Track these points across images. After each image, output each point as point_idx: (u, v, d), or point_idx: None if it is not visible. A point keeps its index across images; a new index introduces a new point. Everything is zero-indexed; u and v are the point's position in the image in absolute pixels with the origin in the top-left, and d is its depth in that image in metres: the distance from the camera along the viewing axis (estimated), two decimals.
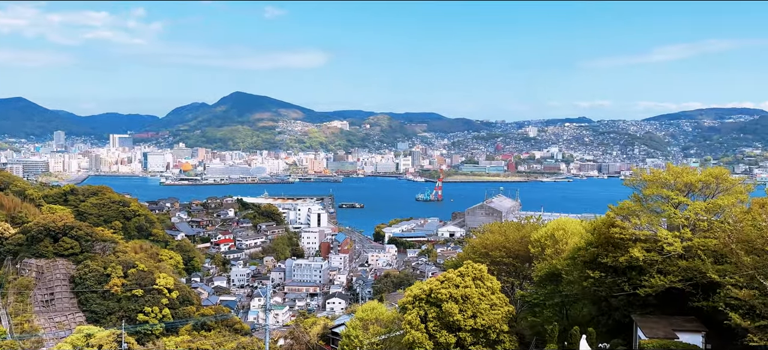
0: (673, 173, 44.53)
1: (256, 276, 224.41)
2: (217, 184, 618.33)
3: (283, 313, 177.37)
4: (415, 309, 49.82)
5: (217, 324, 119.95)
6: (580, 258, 47.08)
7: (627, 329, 43.01)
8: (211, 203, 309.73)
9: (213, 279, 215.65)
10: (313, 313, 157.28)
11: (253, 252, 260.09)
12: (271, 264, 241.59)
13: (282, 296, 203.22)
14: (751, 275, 33.37)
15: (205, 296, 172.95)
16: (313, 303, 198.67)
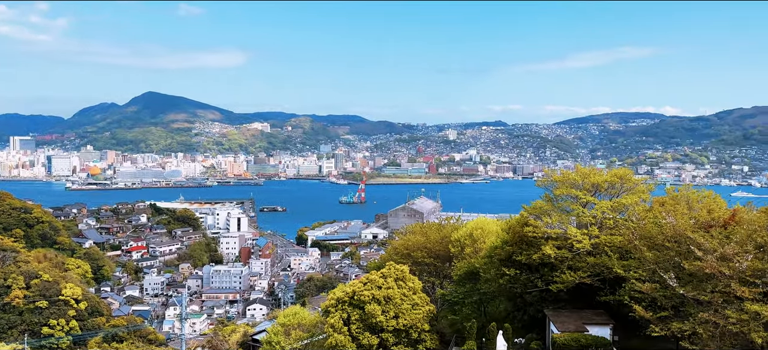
0: (582, 174, 47.00)
1: (171, 284, 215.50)
2: (129, 188, 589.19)
3: (201, 322, 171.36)
4: (338, 311, 49.65)
5: (129, 335, 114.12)
6: (497, 257, 48.70)
7: (541, 323, 44.92)
8: (122, 209, 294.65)
9: (124, 288, 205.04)
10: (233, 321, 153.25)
11: (168, 259, 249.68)
12: (188, 271, 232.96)
13: (199, 304, 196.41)
14: (653, 269, 35.73)
15: (116, 306, 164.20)
16: (233, 310, 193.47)
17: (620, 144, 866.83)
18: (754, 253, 32.25)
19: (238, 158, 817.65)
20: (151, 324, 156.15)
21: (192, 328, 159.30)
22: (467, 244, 63.97)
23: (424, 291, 54.39)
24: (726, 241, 33.35)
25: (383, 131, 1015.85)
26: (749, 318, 30.00)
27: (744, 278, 31.39)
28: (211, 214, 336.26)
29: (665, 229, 36.96)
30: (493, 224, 68.41)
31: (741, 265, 31.48)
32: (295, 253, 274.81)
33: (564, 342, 37.06)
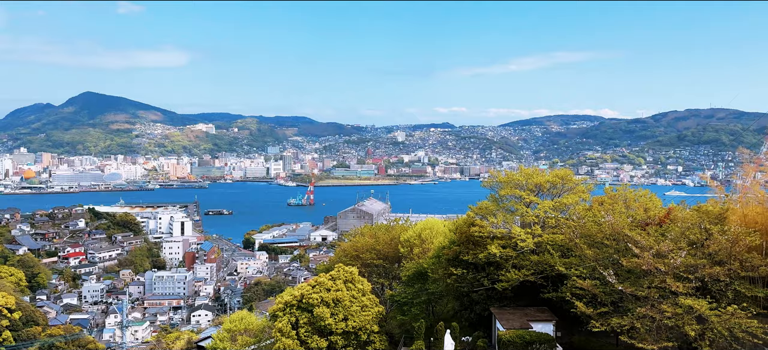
0: (525, 175, 48.18)
1: (111, 291, 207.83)
2: (66, 192, 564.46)
3: (143, 329, 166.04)
4: (286, 315, 49.05)
5: (67, 345, 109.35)
6: (445, 257, 49.29)
7: (487, 321, 45.74)
8: (59, 214, 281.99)
9: (62, 296, 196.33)
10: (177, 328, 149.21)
11: (108, 266, 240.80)
12: (129, 278, 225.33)
13: (141, 311, 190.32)
14: (593, 266, 36.99)
15: (52, 315, 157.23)
16: (177, 317, 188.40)
17: (562, 145, 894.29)
18: (687, 250, 33.87)
19: (181, 161, 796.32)
20: (90, 332, 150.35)
21: (134, 336, 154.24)
22: (416, 244, 64.45)
23: (374, 293, 54.47)
24: (661, 238, 34.89)
25: (332, 133, 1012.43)
26: (683, 312, 31.48)
27: (678, 273, 32.92)
28: (153, 218, 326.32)
29: (604, 227, 38.33)
30: (441, 224, 69.20)
31: (675, 261, 33.01)
32: (242, 257, 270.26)
33: (509, 339, 37.84)
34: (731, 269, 32.80)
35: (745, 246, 33.07)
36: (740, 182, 44.05)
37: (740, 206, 37.65)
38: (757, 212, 36.53)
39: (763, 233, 34.67)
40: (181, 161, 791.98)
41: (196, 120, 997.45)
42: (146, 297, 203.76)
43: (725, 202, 38.27)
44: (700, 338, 31.80)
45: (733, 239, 33.01)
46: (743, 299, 32.76)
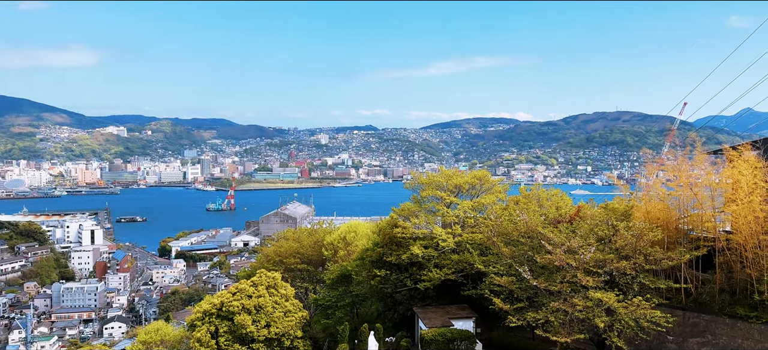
0: (445, 176, 49.18)
1: (14, 305, 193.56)
2: None
3: (51, 345, 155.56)
4: (204, 325, 47.39)
5: None
6: (368, 258, 49.44)
7: (410, 321, 46.27)
8: None
9: None
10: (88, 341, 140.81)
11: (11, 278, 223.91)
12: (34, 290, 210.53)
13: (49, 325, 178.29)
14: (510, 263, 38.22)
15: None
16: (88, 331, 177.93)
17: (480, 147, 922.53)
18: (596, 245, 35.70)
19: (90, 165, 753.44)
20: None
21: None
22: (340, 247, 64.32)
23: (297, 297, 53.71)
24: (572, 235, 36.59)
25: (253, 135, 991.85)
26: (593, 305, 33.14)
27: (588, 268, 34.64)
28: (60, 226, 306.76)
29: (519, 226, 39.74)
30: (365, 226, 69.46)
31: (585, 257, 34.70)
32: (157, 266, 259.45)
33: (431, 337, 38.42)
34: (636, 263, 34.88)
35: (649, 241, 35.28)
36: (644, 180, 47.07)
37: (644, 204, 40.17)
38: (659, 208, 39.10)
39: (665, 229, 37.16)
40: (90, 166, 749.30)
41: (106, 123, 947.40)
42: (54, 310, 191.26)
43: (630, 200, 40.72)
44: (609, 329, 33.58)
45: (638, 234, 35.12)
46: (647, 291, 34.94)
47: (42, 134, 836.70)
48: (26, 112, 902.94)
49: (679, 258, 35.32)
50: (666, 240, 36.97)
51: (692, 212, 38.22)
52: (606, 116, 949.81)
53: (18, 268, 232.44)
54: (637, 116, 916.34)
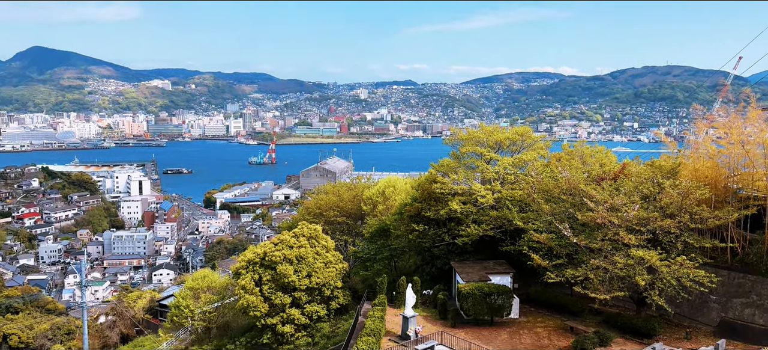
0: (486, 132, 48.66)
1: (69, 251, 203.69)
2: (17, 151, 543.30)
3: (104, 289, 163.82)
4: (249, 273, 49.01)
5: (25, 306, 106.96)
6: (407, 213, 49.81)
7: (448, 275, 46.74)
8: (11, 173, 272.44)
9: (18, 257, 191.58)
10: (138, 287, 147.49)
11: (65, 226, 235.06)
12: (87, 238, 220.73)
13: (101, 271, 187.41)
14: (549, 221, 37.97)
15: (8, 276, 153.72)
16: (138, 277, 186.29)
17: (522, 103, 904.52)
18: (640, 203, 35.05)
19: (137, 118, 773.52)
20: (49, 293, 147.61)
21: (94, 296, 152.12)
22: (379, 201, 64.92)
23: (337, 249, 54.82)
24: (615, 193, 35.98)
25: (293, 90, 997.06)
26: (634, 263, 32.79)
27: (631, 226, 34.13)
28: (109, 177, 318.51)
29: (561, 183, 39.25)
30: (403, 182, 69.75)
31: (628, 214, 34.16)
32: (203, 216, 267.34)
33: (468, 291, 38.78)
34: (681, 221, 34.15)
35: (695, 200, 34.40)
36: (693, 137, 45.56)
37: (692, 161, 39.02)
38: (708, 166, 37.95)
39: (713, 187, 36.12)
40: (136, 119, 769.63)
41: (150, 76, 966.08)
42: (105, 256, 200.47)
43: (677, 157, 39.58)
44: (649, 287, 33.25)
45: (684, 192, 34.26)
46: (691, 250, 34.28)
47: (90, 87, 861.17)
48: (74, 65, 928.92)
49: (726, 217, 34.42)
50: (713, 199, 35.99)
51: (743, 171, 36.97)
52: (655, 71, 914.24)
53: (71, 216, 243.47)
54: (689, 71, 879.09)
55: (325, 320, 48.96)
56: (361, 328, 36.89)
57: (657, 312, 36.81)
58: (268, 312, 47.41)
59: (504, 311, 38.84)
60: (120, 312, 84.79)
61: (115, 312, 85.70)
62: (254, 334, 50.34)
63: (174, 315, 61.06)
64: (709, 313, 37.56)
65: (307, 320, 48.23)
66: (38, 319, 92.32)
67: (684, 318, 38.41)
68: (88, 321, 60.34)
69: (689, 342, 35.14)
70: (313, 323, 48.54)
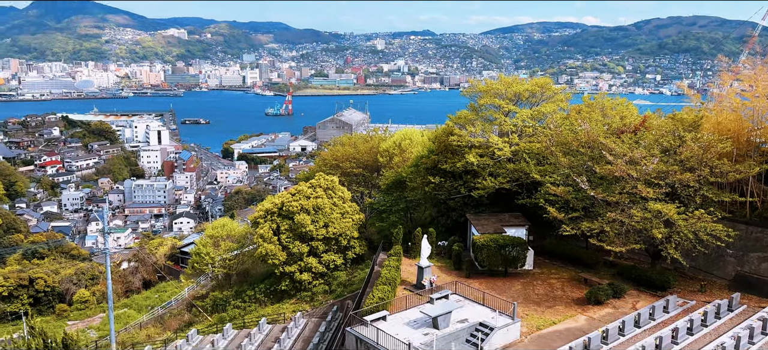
0: (505, 84, 48.07)
1: (91, 199, 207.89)
2: (37, 100, 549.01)
3: (126, 236, 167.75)
4: (267, 222, 49.81)
5: (50, 251, 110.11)
6: (423, 165, 49.90)
7: (463, 227, 47.07)
8: (32, 122, 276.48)
9: (41, 204, 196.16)
10: (159, 234, 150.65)
11: (86, 174, 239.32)
12: (108, 186, 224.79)
13: (123, 219, 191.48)
14: (567, 174, 37.82)
15: (33, 223, 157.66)
16: (159, 225, 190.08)
17: (543, 54, 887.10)
18: (659, 156, 34.71)
19: (154, 67, 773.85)
20: (72, 239, 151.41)
21: (116, 243, 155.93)
22: (395, 154, 65.00)
23: (353, 201, 55.29)
24: (635, 146, 35.61)
25: (309, 40, 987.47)
26: (652, 216, 32.70)
27: (649, 180, 33.89)
28: (128, 127, 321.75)
29: (580, 135, 38.88)
30: (419, 134, 69.59)
31: (647, 168, 33.88)
32: (221, 166, 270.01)
33: (483, 242, 39.10)
34: (701, 175, 33.83)
35: (717, 153, 33.97)
36: (717, 90, 44.64)
37: (715, 114, 38.33)
38: (731, 119, 37.28)
39: (735, 141, 35.56)
40: (153, 68, 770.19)
41: (166, 25, 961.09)
42: (127, 205, 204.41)
43: (700, 110, 38.89)
44: (666, 241, 33.24)
45: (706, 146, 33.82)
46: (710, 204, 34.05)
47: (107, 36, 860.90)
48: (91, 13, 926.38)
49: (747, 171, 34.01)
50: (735, 153, 35.50)
51: (767, 125, 36.27)
52: (681, 21, 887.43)
53: (92, 165, 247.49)
54: (715, 21, 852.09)
55: (342, 269, 49.88)
56: (376, 277, 37.55)
57: (672, 266, 36.92)
58: (286, 260, 48.37)
59: (518, 262, 39.19)
60: (142, 259, 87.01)
61: (138, 258, 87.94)
62: (273, 281, 51.52)
63: (195, 261, 62.53)
64: (724, 267, 37.56)
65: (324, 269, 49.18)
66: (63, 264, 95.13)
67: (699, 271, 38.48)
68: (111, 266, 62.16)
69: (703, 295, 35.31)
70: (330, 271, 49.50)
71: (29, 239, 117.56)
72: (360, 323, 29.15)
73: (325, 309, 44.44)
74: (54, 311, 74.10)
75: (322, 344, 37.22)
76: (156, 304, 70.43)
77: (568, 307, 34.18)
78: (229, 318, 49.50)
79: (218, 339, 40.26)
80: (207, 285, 67.38)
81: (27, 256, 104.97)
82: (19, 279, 73.91)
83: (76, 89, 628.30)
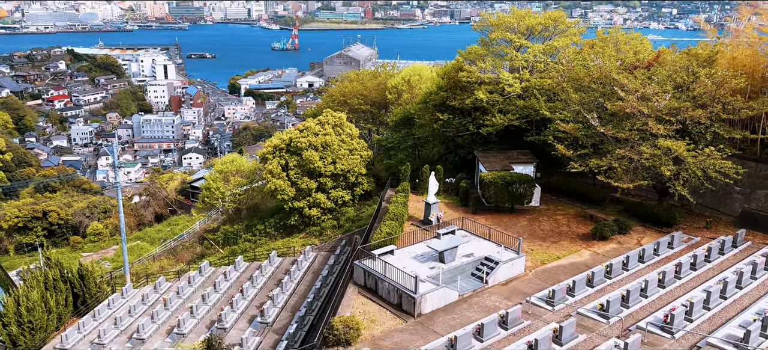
0: (517, 17, 46.99)
1: (100, 134, 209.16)
2: (41, 33, 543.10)
3: (136, 171, 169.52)
4: (275, 158, 50.09)
5: (62, 185, 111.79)
6: (431, 102, 49.53)
7: (470, 164, 47.16)
8: (37, 55, 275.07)
9: (51, 138, 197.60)
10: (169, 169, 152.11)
11: (94, 109, 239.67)
12: (117, 121, 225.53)
13: (132, 153, 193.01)
14: (577, 110, 37.46)
15: (44, 157, 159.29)
16: (168, 160, 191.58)
17: None
18: (672, 93, 34.23)
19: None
20: (83, 174, 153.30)
21: (127, 177, 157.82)
22: (403, 90, 64.44)
23: (361, 138, 55.31)
24: (648, 82, 35.09)
25: None
26: (661, 153, 32.58)
27: (660, 116, 33.57)
28: (135, 60, 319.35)
29: (592, 71, 38.28)
30: (428, 70, 68.71)
31: (659, 104, 33.49)
32: (228, 102, 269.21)
33: (490, 179, 39.24)
34: (713, 112, 33.46)
35: (730, 89, 33.47)
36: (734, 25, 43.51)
37: (730, 50, 37.53)
38: (747, 55, 36.53)
39: (750, 77, 34.96)
40: (157, 1, 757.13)
41: None
42: (136, 140, 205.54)
43: (715, 45, 38.03)
44: (674, 177, 33.24)
45: (720, 82, 33.28)
46: (721, 141, 33.83)
47: None
48: None
49: (761, 108, 33.61)
50: (749, 89, 34.97)
51: None
52: None
53: (100, 99, 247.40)
54: None
55: (350, 205, 50.45)
56: (384, 213, 37.98)
57: (679, 202, 37.05)
58: (295, 195, 48.92)
59: (525, 199, 39.43)
60: (153, 193, 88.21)
61: (148, 192, 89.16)
62: (283, 216, 52.29)
63: (205, 196, 63.41)
64: (732, 204, 37.67)
65: (333, 204, 49.77)
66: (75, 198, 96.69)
67: (706, 208, 38.65)
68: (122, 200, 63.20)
69: (708, 231, 35.59)
70: (338, 207, 50.11)
71: (41, 172, 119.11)
72: (368, 257, 29.72)
73: (333, 243, 45.24)
74: (68, 243, 75.89)
75: (331, 276, 38.11)
76: (168, 237, 71.92)
77: (573, 243, 34.61)
78: (241, 250, 50.59)
79: (230, 271, 41.26)
80: (218, 219, 68.52)
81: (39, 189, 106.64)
82: (32, 211, 75.38)
83: (80, 22, 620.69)
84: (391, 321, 25.91)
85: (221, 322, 33.57)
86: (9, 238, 75.93)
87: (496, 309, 26.45)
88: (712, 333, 23.67)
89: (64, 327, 38.20)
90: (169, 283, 42.33)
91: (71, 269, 41.99)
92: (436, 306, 26.68)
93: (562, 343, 23.07)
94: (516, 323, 24.90)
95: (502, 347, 23.21)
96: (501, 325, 24.66)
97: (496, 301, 27.35)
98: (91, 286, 41.72)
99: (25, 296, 36.22)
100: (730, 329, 23.71)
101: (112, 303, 39.36)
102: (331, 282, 37.26)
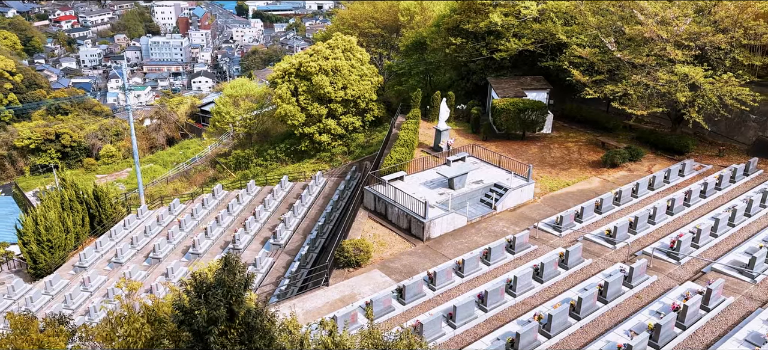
0: None
1: (108, 56, 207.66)
2: None
3: (145, 94, 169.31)
4: (285, 83, 49.73)
5: (73, 107, 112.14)
6: (444, 25, 48.41)
7: (483, 91, 46.57)
8: None
9: (59, 60, 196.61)
10: (179, 93, 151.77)
11: (102, 30, 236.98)
12: (125, 43, 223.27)
13: (141, 76, 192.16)
14: (595, 34, 36.52)
15: (53, 79, 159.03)
16: (178, 83, 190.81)
17: None
18: (692, 17, 33.18)
19: None
20: (93, 96, 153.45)
21: (137, 100, 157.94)
22: (416, 12, 62.95)
23: (372, 63, 54.56)
24: (668, 5, 33.96)
25: None
26: (678, 79, 31.94)
27: (680, 41, 32.69)
28: None
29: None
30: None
31: (678, 28, 32.53)
32: (236, 24, 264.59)
33: (502, 106, 38.84)
34: (734, 37, 32.52)
35: (753, 13, 32.37)
36: None
37: None
38: None
39: None
40: None
41: None
42: (144, 62, 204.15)
43: None
44: (689, 104, 32.75)
45: (743, 5, 32.15)
46: (739, 67, 33.05)
47: None
48: None
49: None
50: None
51: None
52: None
53: (107, 20, 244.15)
54: None
55: (360, 131, 50.43)
56: (394, 139, 37.95)
57: (692, 130, 36.64)
58: (305, 121, 48.86)
59: (537, 126, 39.15)
60: (164, 116, 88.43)
61: (159, 115, 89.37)
62: (293, 141, 52.48)
63: (216, 120, 63.53)
64: (746, 132, 37.26)
65: (343, 130, 49.76)
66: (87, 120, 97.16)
67: (719, 136, 38.27)
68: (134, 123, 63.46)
69: (721, 159, 35.38)
70: (348, 133, 50.13)
71: (51, 94, 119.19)
72: (378, 182, 29.94)
73: (343, 168, 45.53)
74: (82, 165, 76.90)
75: (342, 201, 38.59)
76: (180, 160, 72.63)
77: (583, 170, 34.59)
78: (252, 175, 51.11)
79: (243, 194, 41.86)
80: (229, 143, 68.89)
81: (51, 111, 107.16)
82: (45, 133, 76.03)
83: None
84: (401, 244, 26.39)
85: (235, 243, 34.39)
86: (24, 159, 77.01)
87: (503, 234, 26.81)
88: (717, 259, 23.94)
89: (82, 246, 39.33)
90: (183, 205, 43.12)
91: (86, 190, 42.77)
92: (445, 231, 27.07)
93: (567, 267, 23.48)
94: (523, 247, 25.28)
95: (508, 270, 23.68)
96: (508, 249, 25.07)
97: (504, 226, 27.69)
98: (106, 207, 42.60)
99: (43, 215, 37.12)
100: (736, 255, 23.96)
101: (128, 223, 40.30)
102: (341, 206, 37.78)
